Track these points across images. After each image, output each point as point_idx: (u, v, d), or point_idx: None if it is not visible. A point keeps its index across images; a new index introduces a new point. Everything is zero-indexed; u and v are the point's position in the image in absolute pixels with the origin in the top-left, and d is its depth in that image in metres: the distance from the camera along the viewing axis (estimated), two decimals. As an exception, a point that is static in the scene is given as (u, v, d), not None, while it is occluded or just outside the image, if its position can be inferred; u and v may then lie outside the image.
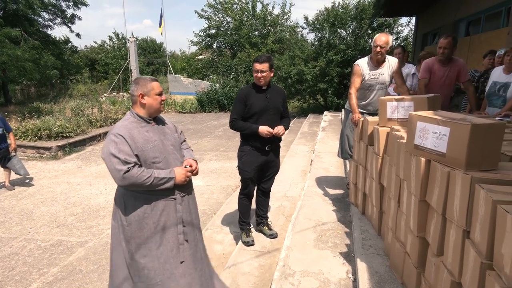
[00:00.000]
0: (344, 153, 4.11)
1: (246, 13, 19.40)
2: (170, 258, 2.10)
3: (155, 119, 2.18)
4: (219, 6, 19.39)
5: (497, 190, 1.42)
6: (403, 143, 2.22)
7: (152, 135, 2.08)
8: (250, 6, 19.41)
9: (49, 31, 16.61)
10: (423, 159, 1.91)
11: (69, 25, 16.97)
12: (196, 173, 2.24)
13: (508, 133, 2.46)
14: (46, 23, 16.35)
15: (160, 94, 2.12)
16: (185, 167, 2.15)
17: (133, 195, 2.05)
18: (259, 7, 19.35)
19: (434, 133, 1.83)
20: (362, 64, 3.66)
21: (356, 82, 3.66)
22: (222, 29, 19.84)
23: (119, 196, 2.12)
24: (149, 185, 1.97)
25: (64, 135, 8.64)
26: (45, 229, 4.36)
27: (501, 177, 1.56)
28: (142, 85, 2.07)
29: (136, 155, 1.98)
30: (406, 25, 13.49)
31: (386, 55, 3.65)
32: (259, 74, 3.04)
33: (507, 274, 1.24)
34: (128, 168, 1.92)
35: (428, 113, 1.98)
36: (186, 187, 2.18)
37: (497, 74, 3.67)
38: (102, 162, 7.40)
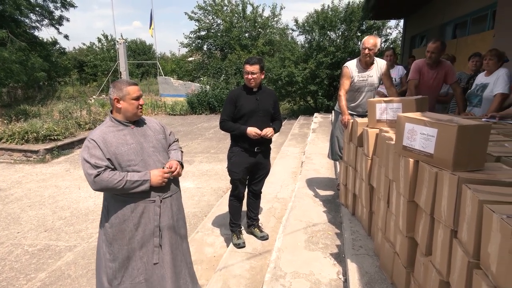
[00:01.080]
0: (334, 154, 4.13)
1: (236, 15, 19.41)
2: (151, 259, 2.14)
3: (136, 122, 2.17)
4: (209, 8, 19.35)
5: (484, 190, 1.45)
6: (392, 144, 2.25)
7: (129, 138, 2.08)
8: (240, 8, 19.43)
9: (36, 33, 16.36)
10: (411, 160, 1.94)
11: (57, 26, 16.75)
12: (178, 175, 2.21)
13: (493, 134, 2.51)
14: (33, 24, 16.12)
15: (137, 99, 2.10)
16: (163, 168, 2.12)
17: (114, 198, 2.07)
18: (249, 9, 19.39)
19: (422, 134, 1.85)
20: (351, 66, 3.70)
21: (345, 84, 3.69)
22: (212, 31, 19.80)
23: (104, 199, 2.16)
24: (122, 189, 1.97)
25: (52, 138, 8.52)
26: (32, 233, 4.28)
27: (488, 177, 1.58)
28: (118, 89, 2.06)
29: (109, 159, 1.99)
30: (394, 28, 13.61)
31: (375, 57, 3.69)
32: (249, 76, 3.05)
33: (493, 273, 1.26)
34: (98, 172, 1.93)
35: (416, 115, 2.00)
36: (166, 189, 2.17)
37: (480, 78, 3.86)
38: (91, 165, 7.33)
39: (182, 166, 2.27)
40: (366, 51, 3.54)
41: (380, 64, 3.71)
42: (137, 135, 2.12)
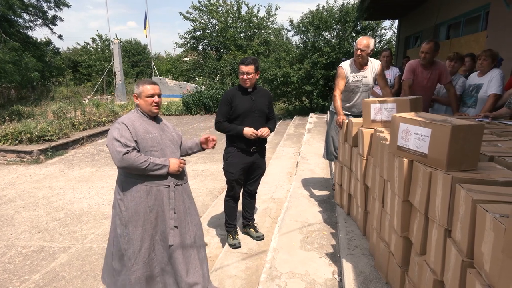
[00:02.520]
0: (329, 154, 4.14)
1: (231, 15, 19.38)
2: (162, 241, 2.35)
3: (156, 118, 2.45)
4: (204, 8, 19.31)
5: (477, 189, 1.46)
6: (386, 144, 2.26)
7: (152, 129, 2.36)
8: (236, 8, 19.41)
9: (29, 33, 16.21)
10: (405, 160, 1.95)
11: (51, 26, 16.62)
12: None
13: (487, 134, 2.53)
14: (27, 24, 15.96)
15: (151, 96, 2.33)
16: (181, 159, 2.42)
17: (131, 181, 2.29)
18: (244, 9, 19.38)
19: (416, 134, 1.86)
20: (346, 66, 3.71)
21: (340, 85, 3.70)
22: (207, 31, 19.76)
23: (119, 183, 2.36)
24: (144, 169, 2.22)
25: (46, 138, 8.45)
26: (26, 235, 4.25)
27: (481, 177, 1.60)
28: (137, 87, 2.37)
29: (136, 141, 2.25)
30: (389, 28, 13.68)
31: (369, 58, 3.70)
32: (245, 76, 3.05)
33: (487, 271, 1.27)
34: (127, 150, 2.18)
35: (410, 115, 2.01)
36: (179, 178, 2.42)
37: (472, 78, 3.89)
38: (86, 166, 7.28)
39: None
40: (359, 52, 3.56)
41: (374, 65, 3.73)
42: (157, 127, 2.41)
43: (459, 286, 1.45)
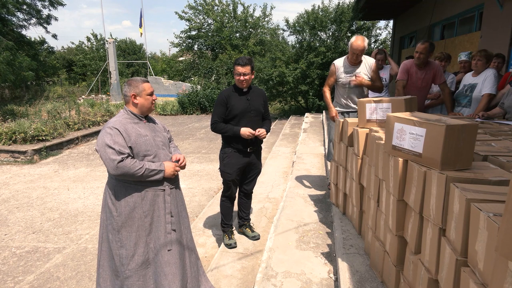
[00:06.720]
0: (331, 155, 4.15)
1: (227, 15, 19.37)
2: (158, 246, 2.26)
3: (146, 117, 2.36)
4: (200, 7, 19.29)
5: (471, 189, 1.47)
6: (381, 144, 2.27)
7: (144, 131, 2.25)
8: (231, 8, 19.40)
9: (23, 32, 16.11)
10: (400, 160, 1.96)
11: (45, 25, 16.52)
12: (184, 167, 2.42)
13: (481, 134, 2.55)
14: (21, 23, 15.85)
15: (151, 94, 2.29)
16: (174, 161, 2.34)
17: (124, 186, 2.19)
18: (240, 9, 19.42)
19: (411, 134, 1.87)
20: (338, 63, 3.79)
21: (329, 81, 3.88)
22: (203, 30, 19.73)
23: (111, 187, 2.24)
24: (140, 176, 2.13)
25: (40, 138, 8.39)
26: (20, 235, 4.22)
27: (475, 176, 1.61)
28: (134, 86, 2.24)
29: (130, 147, 2.14)
30: (384, 28, 13.74)
31: (364, 55, 3.75)
32: (241, 77, 3.05)
33: (480, 270, 1.28)
34: (122, 158, 2.07)
35: (405, 115, 2.02)
36: (174, 181, 2.36)
37: (467, 78, 3.91)
38: (80, 166, 7.24)
39: None
40: (355, 57, 3.65)
41: (369, 62, 3.77)
42: (149, 129, 2.30)
43: (453, 284, 1.46)
